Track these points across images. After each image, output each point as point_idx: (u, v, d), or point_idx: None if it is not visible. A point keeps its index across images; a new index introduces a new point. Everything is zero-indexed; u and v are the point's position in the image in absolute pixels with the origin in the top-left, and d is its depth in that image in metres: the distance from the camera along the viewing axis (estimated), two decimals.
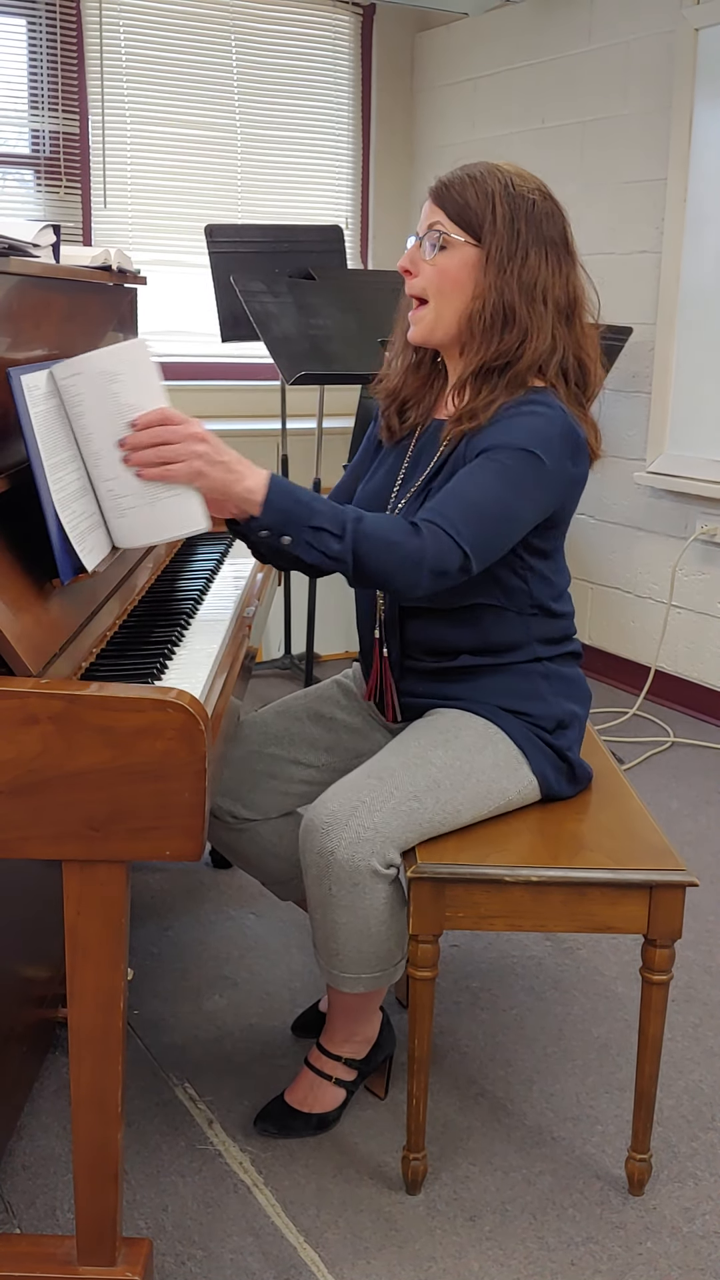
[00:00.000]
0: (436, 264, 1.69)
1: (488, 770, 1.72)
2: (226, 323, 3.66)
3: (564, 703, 1.81)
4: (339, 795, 1.65)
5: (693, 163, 3.52)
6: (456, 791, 1.69)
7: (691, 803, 3.16)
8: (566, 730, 1.81)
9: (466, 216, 1.67)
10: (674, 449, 3.70)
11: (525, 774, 1.76)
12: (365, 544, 1.53)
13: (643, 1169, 1.75)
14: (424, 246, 1.70)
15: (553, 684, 1.80)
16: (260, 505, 1.52)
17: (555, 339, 1.68)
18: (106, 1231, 1.45)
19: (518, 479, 1.60)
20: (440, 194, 1.69)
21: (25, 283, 1.67)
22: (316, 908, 1.67)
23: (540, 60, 4.05)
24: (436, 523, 1.56)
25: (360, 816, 1.62)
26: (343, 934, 1.66)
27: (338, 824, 1.61)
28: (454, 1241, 1.67)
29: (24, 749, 1.26)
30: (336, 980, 1.71)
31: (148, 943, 2.39)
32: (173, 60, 4.13)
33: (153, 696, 1.26)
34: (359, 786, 1.65)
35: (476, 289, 1.67)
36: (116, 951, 1.36)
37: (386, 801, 1.63)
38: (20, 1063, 1.80)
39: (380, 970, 1.70)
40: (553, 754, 1.79)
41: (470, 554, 1.57)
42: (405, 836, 1.64)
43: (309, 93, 4.42)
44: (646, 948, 1.67)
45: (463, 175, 1.69)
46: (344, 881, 1.61)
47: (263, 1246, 1.64)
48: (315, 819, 1.64)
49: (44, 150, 3.98)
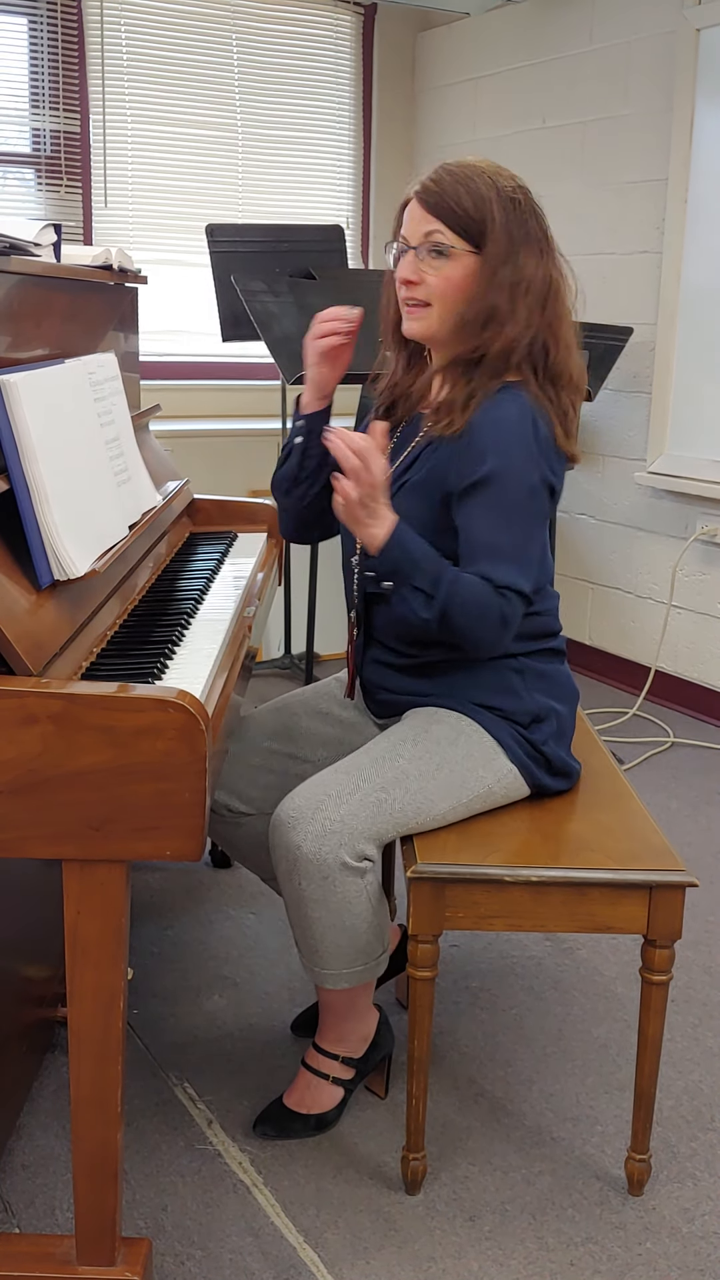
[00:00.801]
0: (442, 274, 1.69)
1: (460, 761, 1.72)
2: (227, 322, 3.66)
3: (540, 698, 1.80)
4: (305, 791, 1.66)
5: (694, 163, 3.51)
6: (427, 781, 1.69)
7: (691, 803, 3.16)
8: (542, 724, 1.80)
9: (466, 226, 1.67)
10: (674, 449, 3.70)
11: (503, 764, 1.76)
12: (455, 601, 1.63)
13: (642, 1169, 1.75)
14: (421, 255, 1.70)
15: (527, 679, 1.80)
16: (377, 551, 1.63)
17: (528, 326, 1.70)
18: (106, 1231, 1.45)
19: (529, 493, 1.67)
20: (434, 202, 1.68)
21: (26, 282, 1.67)
22: (290, 905, 1.68)
23: (541, 60, 4.05)
24: (510, 586, 1.64)
25: (326, 810, 1.62)
26: (318, 929, 1.66)
27: (303, 818, 1.62)
28: (453, 1241, 1.66)
29: (24, 748, 1.26)
30: (319, 978, 1.72)
31: (148, 942, 2.39)
32: (174, 59, 4.12)
33: (153, 696, 1.26)
34: (326, 781, 1.67)
35: (471, 293, 1.69)
36: (116, 951, 1.36)
37: (353, 794, 1.64)
38: (20, 1062, 1.80)
39: (362, 965, 1.70)
40: (529, 747, 1.79)
41: (531, 594, 1.69)
42: (376, 828, 1.64)
43: (310, 92, 4.42)
44: (646, 948, 1.67)
45: (452, 182, 1.68)
46: (313, 876, 1.62)
47: (262, 1246, 1.64)
48: (282, 814, 1.65)
49: (45, 149, 3.98)
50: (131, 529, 1.77)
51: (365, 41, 4.51)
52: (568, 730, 1.85)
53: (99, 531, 1.63)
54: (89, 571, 1.52)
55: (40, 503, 1.45)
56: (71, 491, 1.53)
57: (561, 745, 1.83)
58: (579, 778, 1.89)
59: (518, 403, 1.68)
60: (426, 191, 1.69)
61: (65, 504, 1.51)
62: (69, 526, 1.50)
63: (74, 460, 1.58)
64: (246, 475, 4.05)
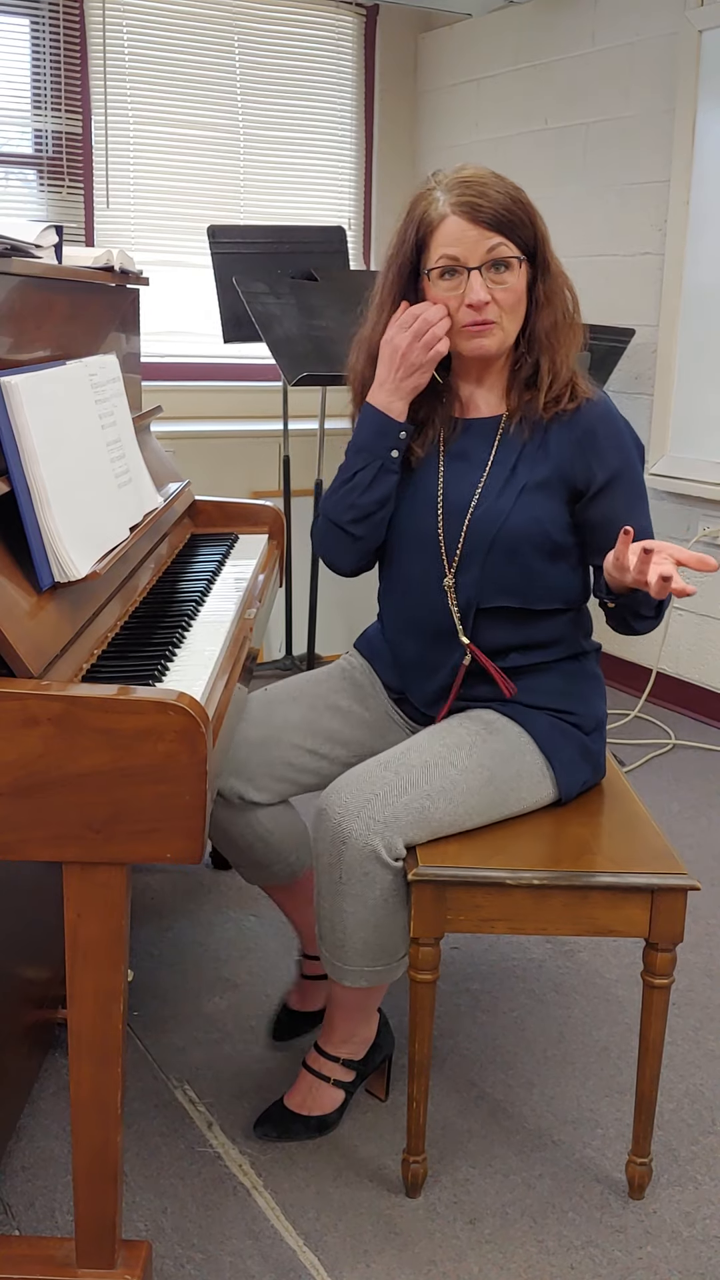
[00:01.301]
0: (507, 287, 1.69)
1: (509, 780, 1.73)
2: (228, 323, 3.66)
3: (599, 703, 1.85)
4: (354, 784, 1.65)
5: (696, 164, 3.51)
6: (471, 796, 1.69)
7: (693, 805, 3.15)
8: (600, 732, 1.85)
9: (522, 235, 1.69)
10: (676, 451, 3.70)
11: (547, 788, 1.78)
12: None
13: (643, 1173, 1.75)
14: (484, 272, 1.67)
15: (593, 684, 1.85)
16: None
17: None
18: (106, 1234, 1.45)
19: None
20: (493, 218, 1.66)
21: (28, 283, 1.67)
22: (326, 896, 1.67)
23: (543, 61, 4.05)
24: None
25: (373, 808, 1.62)
26: (350, 923, 1.66)
27: (350, 813, 1.62)
28: (454, 1245, 1.66)
29: (25, 750, 1.26)
30: (340, 973, 1.71)
31: (148, 944, 2.39)
32: (176, 61, 4.12)
33: (154, 698, 1.26)
34: (375, 778, 1.66)
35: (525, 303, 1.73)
36: (116, 953, 1.36)
37: (400, 796, 1.64)
38: (20, 1064, 1.80)
39: (384, 964, 1.70)
40: (591, 757, 1.82)
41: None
42: (414, 832, 1.65)
43: (312, 93, 4.42)
44: (648, 951, 1.66)
45: (496, 194, 1.67)
46: (355, 870, 1.62)
47: (262, 1249, 1.64)
48: (330, 807, 1.64)
49: (47, 150, 3.98)
50: (133, 530, 1.77)
51: (367, 42, 4.51)
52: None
53: (100, 533, 1.63)
54: (90, 573, 1.51)
55: (41, 504, 1.45)
56: (72, 493, 1.53)
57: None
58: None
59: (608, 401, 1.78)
60: (477, 209, 1.65)
61: (66, 506, 1.50)
62: (70, 528, 1.50)
63: (75, 462, 1.58)
64: (248, 477, 4.05)
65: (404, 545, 1.82)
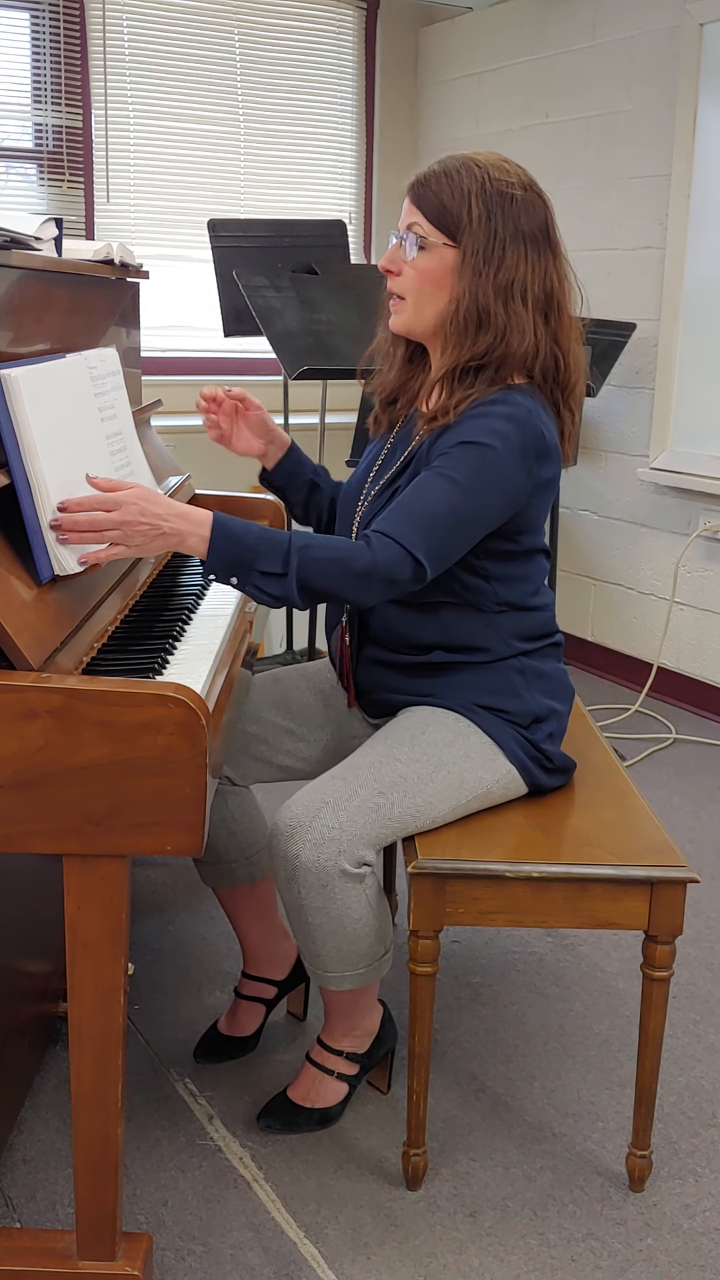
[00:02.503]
0: (416, 265, 1.68)
1: (459, 762, 1.71)
2: (229, 317, 3.65)
3: (540, 698, 1.79)
4: (303, 798, 1.64)
5: (697, 158, 3.51)
6: (425, 784, 1.68)
7: (693, 799, 3.15)
8: (542, 724, 1.80)
9: (443, 217, 1.65)
10: (677, 445, 3.70)
11: (502, 764, 1.75)
12: (312, 568, 1.55)
13: (643, 1165, 1.75)
14: (404, 246, 1.69)
15: (529, 679, 1.78)
16: (206, 555, 1.52)
17: (536, 337, 1.67)
18: (106, 1226, 1.46)
19: (471, 481, 1.61)
20: (418, 193, 1.68)
21: (27, 276, 1.66)
22: (290, 912, 1.67)
23: (544, 55, 4.04)
24: (386, 533, 1.58)
25: (324, 817, 1.61)
26: (319, 935, 1.65)
27: (302, 827, 1.61)
28: (454, 1237, 1.66)
29: (25, 743, 1.26)
30: (322, 979, 1.71)
31: (148, 938, 2.39)
32: (176, 54, 4.12)
33: (154, 691, 1.26)
34: (323, 788, 1.65)
35: (453, 290, 1.67)
36: (117, 946, 1.36)
37: (351, 800, 1.63)
38: (21, 1057, 1.80)
39: (365, 967, 1.70)
40: (530, 748, 1.78)
41: (424, 561, 1.58)
42: (375, 834, 1.63)
43: (312, 87, 4.41)
44: (647, 944, 1.66)
45: (439, 172, 1.67)
46: (312, 884, 1.61)
47: (263, 1242, 1.64)
48: (281, 823, 1.63)
49: (47, 144, 3.97)
50: None
51: (368, 36, 4.50)
52: (564, 728, 1.85)
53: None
54: (89, 566, 1.51)
55: (41, 498, 1.45)
56: (72, 486, 1.53)
57: (559, 743, 1.83)
58: (574, 772, 1.89)
59: (510, 401, 1.65)
60: (415, 182, 1.69)
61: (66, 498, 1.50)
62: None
63: (75, 455, 1.58)
64: (248, 471, 4.02)
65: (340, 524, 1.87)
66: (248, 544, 1.53)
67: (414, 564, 1.58)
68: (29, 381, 1.47)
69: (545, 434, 1.67)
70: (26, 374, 1.48)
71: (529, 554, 1.75)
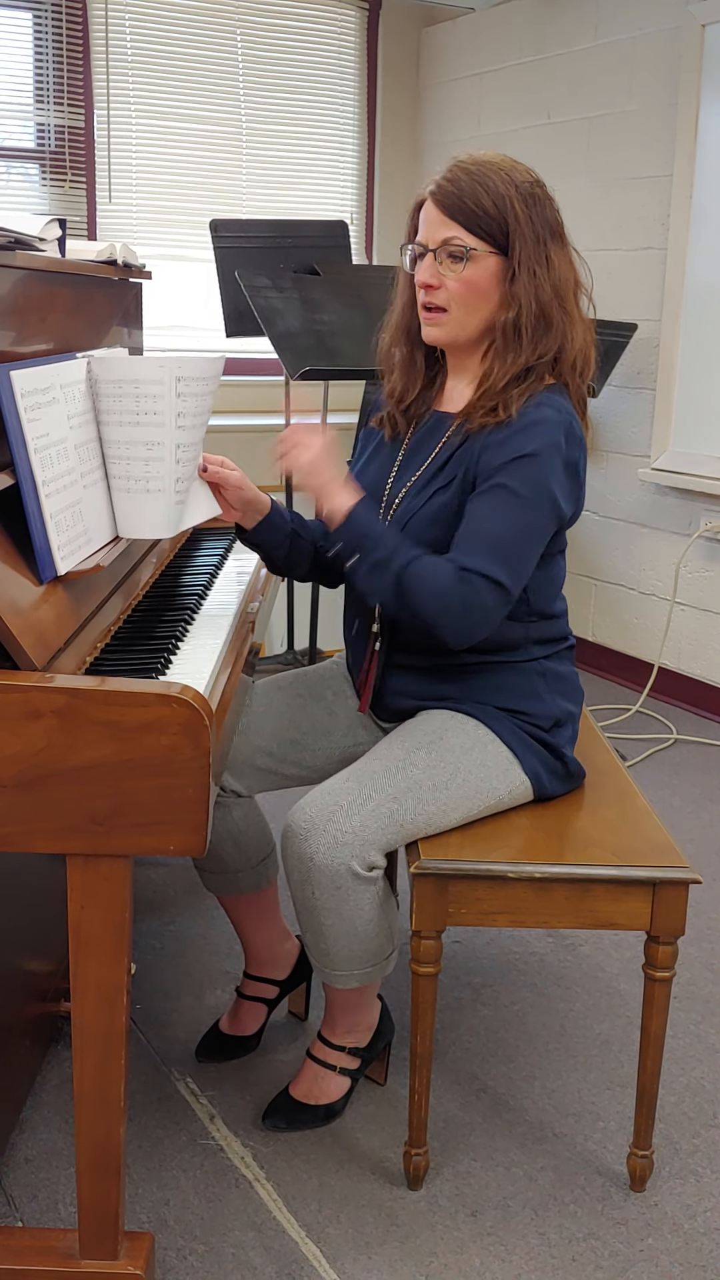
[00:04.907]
0: (462, 278, 1.66)
1: (474, 771, 1.71)
2: (231, 318, 3.65)
3: (560, 701, 1.80)
4: (318, 800, 1.64)
5: (699, 159, 3.51)
6: (439, 792, 1.68)
7: (694, 800, 3.15)
8: (562, 729, 1.80)
9: (486, 227, 1.64)
10: (678, 446, 3.70)
11: (517, 774, 1.75)
12: (413, 582, 1.61)
13: (644, 1165, 1.75)
14: (440, 259, 1.66)
15: (549, 682, 1.79)
16: (340, 524, 1.63)
17: (584, 328, 1.71)
18: (108, 1225, 1.46)
19: (536, 496, 1.64)
20: (450, 205, 1.64)
21: (31, 276, 1.67)
22: (301, 911, 1.67)
23: (546, 56, 4.04)
24: (475, 570, 1.60)
25: (339, 820, 1.61)
26: (330, 935, 1.66)
27: (316, 829, 1.61)
28: (455, 1237, 1.67)
29: (28, 743, 1.26)
30: (329, 978, 1.72)
31: (150, 937, 2.39)
32: (178, 54, 4.12)
33: (157, 691, 1.26)
34: (338, 790, 1.65)
35: (503, 297, 1.66)
36: (119, 946, 1.36)
37: (365, 805, 1.63)
38: (23, 1056, 1.80)
39: (372, 965, 1.71)
40: (547, 753, 1.78)
41: (510, 587, 1.63)
42: (386, 838, 1.64)
43: (314, 87, 4.41)
44: (649, 944, 1.67)
45: (468, 181, 1.64)
46: (326, 885, 1.61)
47: (264, 1241, 1.64)
48: (295, 824, 1.64)
49: (49, 144, 3.97)
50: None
51: (370, 36, 4.51)
52: (578, 732, 1.87)
53: (103, 526, 1.63)
54: (93, 567, 1.52)
55: (44, 497, 1.45)
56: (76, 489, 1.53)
57: (573, 747, 1.84)
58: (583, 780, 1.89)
59: (559, 410, 1.66)
60: (443, 193, 1.65)
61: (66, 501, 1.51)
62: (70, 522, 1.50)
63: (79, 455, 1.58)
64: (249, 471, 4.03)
65: None
66: (378, 530, 1.62)
67: (504, 594, 1.63)
68: (34, 381, 1.48)
69: (581, 434, 1.70)
70: (32, 374, 1.48)
71: (554, 556, 1.77)
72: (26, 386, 1.46)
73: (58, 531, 1.47)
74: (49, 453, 1.49)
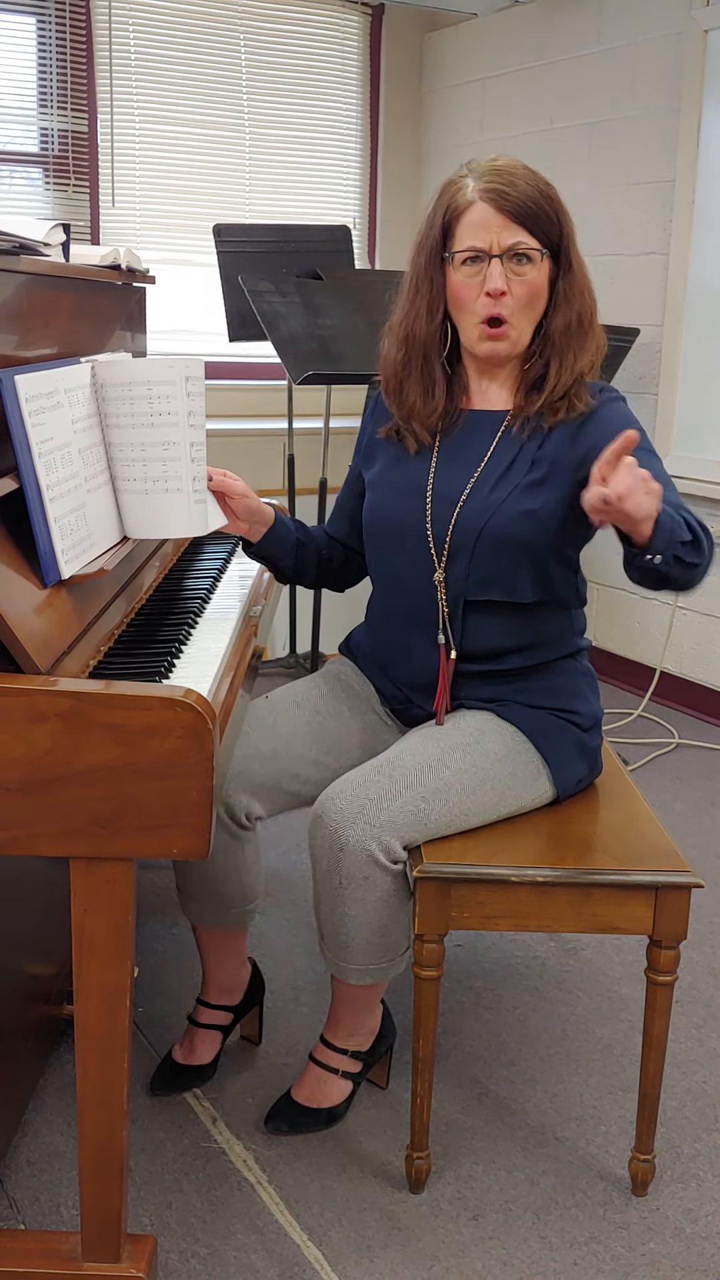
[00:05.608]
0: (525, 280, 1.68)
1: (504, 780, 1.73)
2: (234, 322, 3.66)
3: (595, 700, 1.85)
4: (349, 790, 1.65)
5: (701, 164, 3.52)
6: (467, 797, 1.69)
7: (696, 804, 3.16)
8: (598, 728, 1.85)
9: (546, 229, 1.68)
10: (680, 450, 3.70)
11: (544, 785, 1.77)
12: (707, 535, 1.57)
13: (646, 1169, 1.75)
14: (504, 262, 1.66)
15: (589, 681, 1.84)
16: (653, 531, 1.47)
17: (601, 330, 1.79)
18: (111, 1228, 1.46)
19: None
20: (515, 208, 1.66)
21: (35, 281, 1.67)
22: (325, 902, 1.68)
23: (549, 61, 4.05)
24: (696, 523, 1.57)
25: (369, 812, 1.62)
26: (352, 926, 1.67)
27: (347, 820, 1.62)
28: (457, 1240, 1.67)
29: (33, 746, 1.27)
30: (344, 972, 1.72)
31: (153, 940, 2.39)
32: (181, 60, 4.13)
33: (161, 695, 1.27)
34: (369, 782, 1.66)
35: (545, 299, 1.71)
36: (123, 949, 1.36)
37: (395, 800, 1.64)
38: (26, 1059, 1.80)
39: (388, 961, 1.71)
40: (588, 754, 1.82)
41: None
42: (410, 835, 1.65)
43: (317, 92, 4.42)
44: (651, 949, 1.67)
45: (526, 186, 1.67)
46: (354, 875, 1.62)
47: (266, 1244, 1.65)
48: (326, 813, 1.64)
49: (53, 149, 3.98)
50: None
51: (372, 42, 4.52)
52: None
53: (106, 530, 1.63)
54: (97, 570, 1.52)
55: (49, 501, 1.45)
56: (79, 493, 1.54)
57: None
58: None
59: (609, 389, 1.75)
60: (502, 196, 1.66)
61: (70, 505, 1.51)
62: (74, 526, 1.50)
63: (83, 459, 1.59)
64: (252, 475, 4.03)
65: (389, 536, 1.80)
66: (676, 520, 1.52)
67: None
68: (39, 386, 1.48)
69: None
70: (37, 379, 1.48)
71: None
72: (31, 391, 1.46)
73: (62, 535, 1.48)
74: (53, 457, 1.49)
